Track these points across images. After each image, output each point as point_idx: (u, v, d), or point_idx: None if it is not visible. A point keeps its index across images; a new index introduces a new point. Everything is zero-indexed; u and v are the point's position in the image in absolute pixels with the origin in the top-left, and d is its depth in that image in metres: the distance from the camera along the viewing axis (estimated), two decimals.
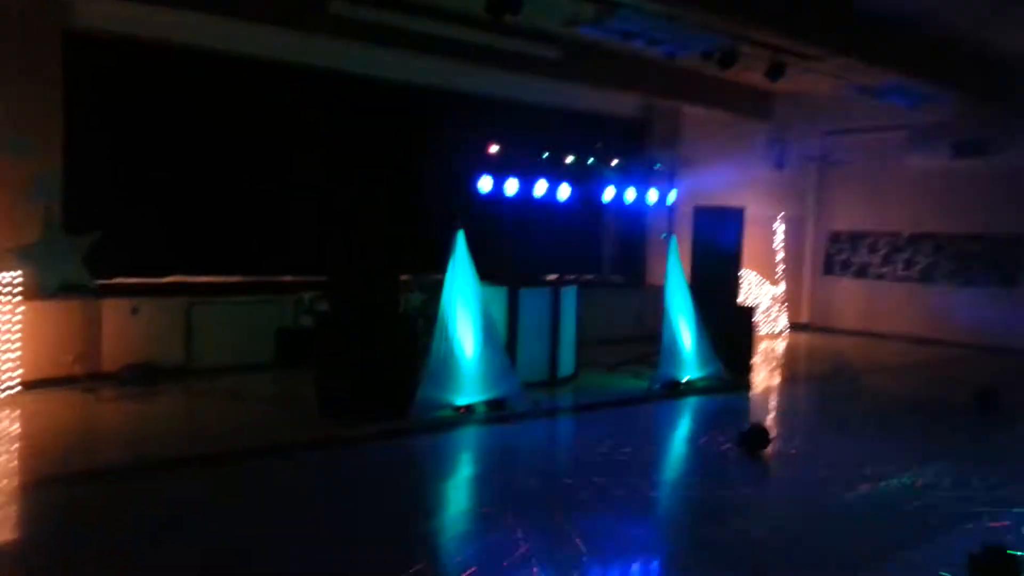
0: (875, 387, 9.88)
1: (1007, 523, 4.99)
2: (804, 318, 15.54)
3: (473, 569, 4.12)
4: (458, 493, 5.89)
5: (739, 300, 10.51)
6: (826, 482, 5.79)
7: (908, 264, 14.44)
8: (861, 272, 15.07)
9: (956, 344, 13.25)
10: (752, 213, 11.03)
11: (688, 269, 9.68)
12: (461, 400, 7.41)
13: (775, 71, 10.55)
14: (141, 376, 8.26)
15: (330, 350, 7.35)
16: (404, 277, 8.47)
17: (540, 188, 8.92)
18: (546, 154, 8.88)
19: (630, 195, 9.74)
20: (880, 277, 14.77)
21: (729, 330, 9.67)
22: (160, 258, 9.27)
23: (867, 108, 13.38)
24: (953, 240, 13.81)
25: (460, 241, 7.66)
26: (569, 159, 9.03)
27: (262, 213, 10.02)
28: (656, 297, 12.34)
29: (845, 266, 15.34)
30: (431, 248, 8.48)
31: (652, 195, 9.86)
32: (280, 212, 10.14)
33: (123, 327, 8.55)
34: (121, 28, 8.72)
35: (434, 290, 10.07)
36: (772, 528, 4.93)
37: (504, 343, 8.09)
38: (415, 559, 4.22)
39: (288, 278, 10.15)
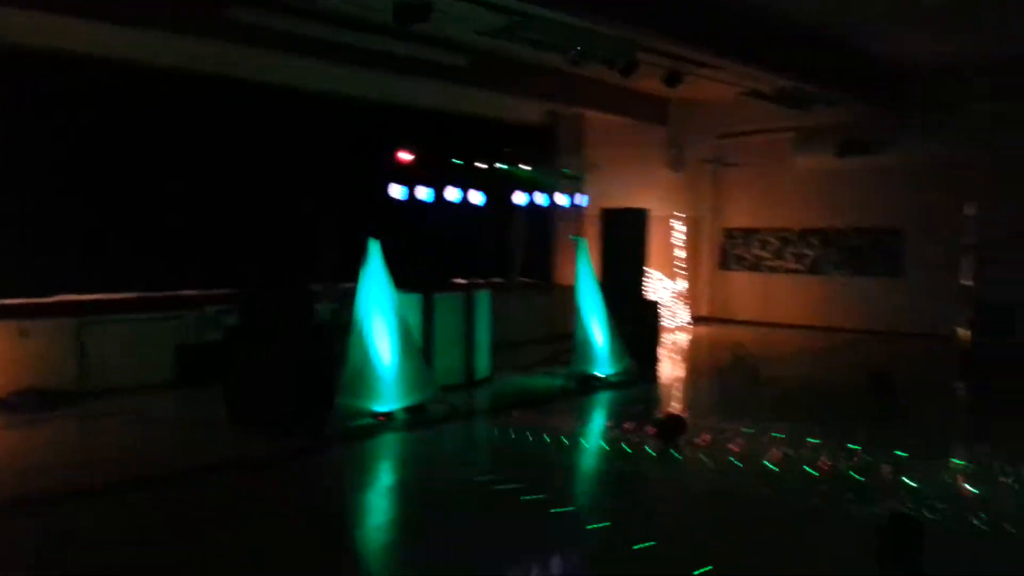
0: (774, 373, 10.39)
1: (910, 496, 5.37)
2: (704, 311, 16.21)
3: None
4: (382, 502, 5.82)
5: (645, 296, 10.83)
6: (739, 464, 6.06)
7: (798, 257, 15.28)
8: (755, 266, 15.85)
9: (846, 330, 14.13)
10: (653, 213, 11.40)
11: (597, 269, 9.91)
12: (380, 407, 7.34)
13: (673, 78, 10.98)
14: (33, 402, 7.78)
15: (243, 364, 7.13)
16: (315, 287, 8.31)
17: (452, 194, 8.94)
18: (457, 160, 8.92)
19: (539, 199, 9.91)
20: (773, 270, 15.58)
21: (637, 326, 9.97)
22: (46, 276, 8.74)
23: (756, 111, 14.06)
24: (839, 233, 14.73)
25: (373, 249, 7.58)
26: (480, 165, 9.10)
27: (156, 225, 9.58)
28: (565, 298, 12.58)
29: (740, 261, 16.09)
30: (343, 257, 8.37)
31: (560, 199, 10.05)
32: (175, 224, 9.72)
33: (11, 351, 8.05)
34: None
35: (343, 299, 9.96)
36: (693, 511, 5.12)
37: (420, 349, 8.06)
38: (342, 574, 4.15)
39: (186, 292, 9.78)
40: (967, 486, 5.61)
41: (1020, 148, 12.23)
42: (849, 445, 6.58)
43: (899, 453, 6.34)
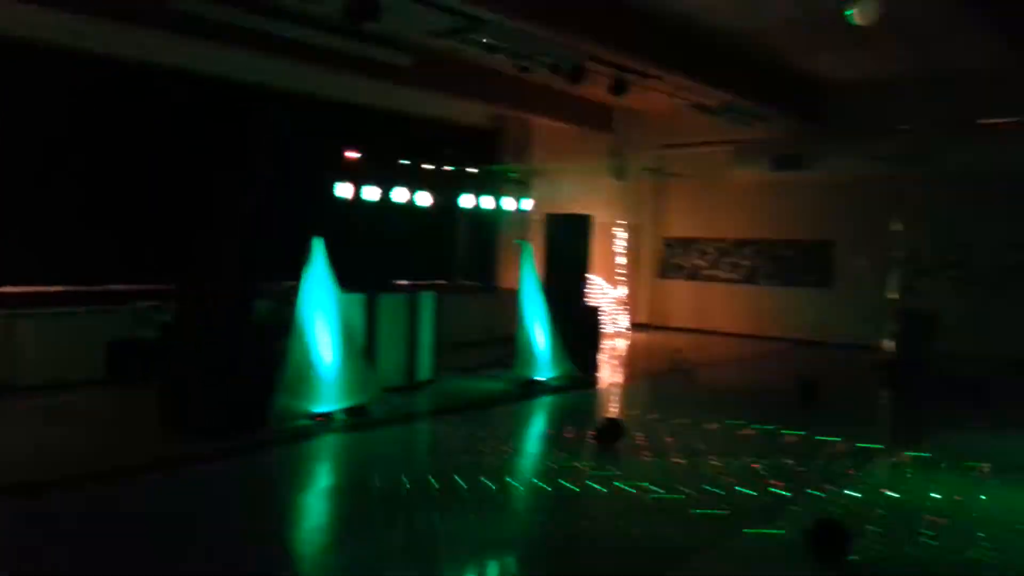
0: (709, 380, 10.66)
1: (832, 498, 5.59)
2: (643, 318, 16.50)
3: None
4: (320, 504, 5.76)
5: (587, 302, 10.97)
6: (674, 469, 6.21)
7: (734, 267, 15.70)
8: (693, 275, 16.21)
9: (777, 339, 14.57)
10: (596, 220, 11.56)
11: (540, 273, 9.99)
12: (320, 408, 7.26)
13: (619, 87, 11.16)
14: None
15: (178, 362, 6.96)
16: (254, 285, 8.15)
17: (399, 194, 8.92)
18: (404, 160, 8.90)
19: (486, 202, 9.97)
20: (710, 279, 15.97)
21: (578, 331, 10.10)
22: None
23: (697, 124, 14.38)
24: (773, 245, 15.19)
25: (318, 247, 7.50)
26: (427, 166, 9.10)
27: (88, 218, 9.29)
28: (508, 301, 12.66)
29: (678, 269, 16.44)
30: (285, 255, 8.23)
31: (507, 202, 10.14)
32: (108, 217, 9.43)
33: None
34: None
35: (283, 298, 9.80)
36: (627, 516, 5.22)
37: (362, 349, 8.00)
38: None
39: (118, 287, 9.50)
40: (887, 491, 5.87)
41: (943, 166, 12.82)
42: (779, 453, 6.81)
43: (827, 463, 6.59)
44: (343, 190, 8.44)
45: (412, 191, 9.25)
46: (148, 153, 9.62)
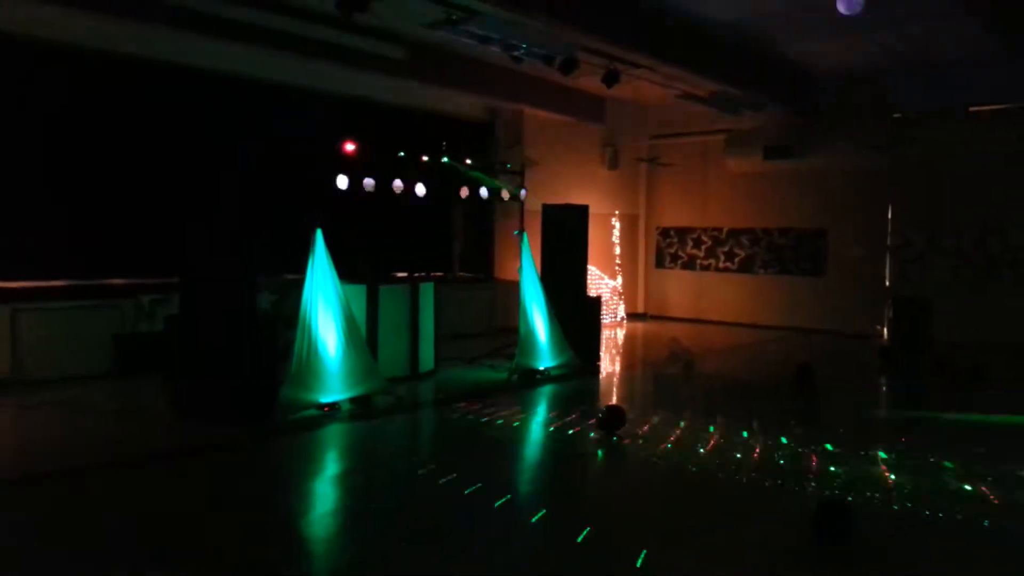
0: (707, 369, 10.77)
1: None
2: (640, 308, 16.63)
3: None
4: (328, 491, 5.81)
5: (586, 292, 11.07)
6: (675, 457, 6.31)
7: (729, 256, 15.82)
8: (689, 264, 16.33)
9: (773, 327, 14.71)
10: (592, 211, 11.65)
11: (538, 264, 10.08)
12: (326, 398, 7.34)
13: (610, 77, 11.24)
14: None
15: (184, 354, 7.02)
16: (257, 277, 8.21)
17: (396, 186, 8.98)
18: (401, 153, 8.95)
19: (481, 193, 10.03)
20: (705, 268, 16.09)
21: (578, 320, 10.18)
22: None
23: (689, 113, 14.54)
24: (767, 233, 15.32)
25: (319, 239, 7.56)
26: (424, 158, 9.15)
27: (90, 212, 9.32)
28: (505, 292, 12.77)
29: (674, 259, 16.55)
30: (285, 247, 8.30)
31: (503, 193, 10.20)
32: (109, 211, 9.47)
33: None
34: None
35: (285, 290, 9.88)
36: (632, 502, 5.32)
37: (365, 340, 8.07)
38: (289, 563, 4.17)
39: (119, 280, 9.55)
40: (887, 474, 5.99)
41: (930, 153, 12.97)
42: (782, 438, 6.93)
43: (828, 447, 6.72)
44: (343, 182, 8.47)
45: (409, 183, 9.28)
46: (147, 146, 9.65)
